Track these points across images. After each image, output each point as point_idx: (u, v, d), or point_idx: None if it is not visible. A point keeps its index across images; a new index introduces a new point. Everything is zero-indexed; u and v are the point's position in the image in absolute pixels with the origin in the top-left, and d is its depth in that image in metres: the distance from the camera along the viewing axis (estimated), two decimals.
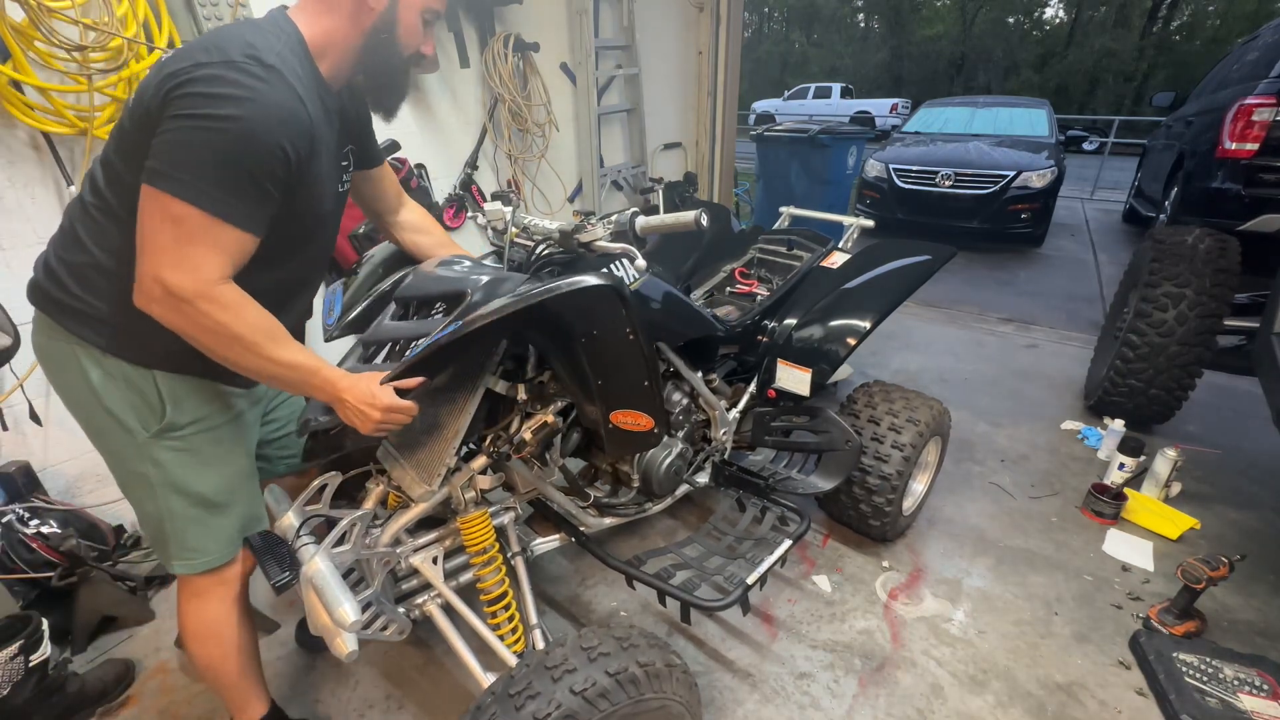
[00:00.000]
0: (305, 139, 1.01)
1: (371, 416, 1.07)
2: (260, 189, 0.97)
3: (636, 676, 1.02)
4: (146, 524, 1.21)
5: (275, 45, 0.99)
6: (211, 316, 0.96)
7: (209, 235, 0.94)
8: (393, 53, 1.11)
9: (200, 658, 1.30)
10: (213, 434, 1.18)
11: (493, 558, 1.33)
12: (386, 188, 1.45)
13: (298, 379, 1.06)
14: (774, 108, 18.89)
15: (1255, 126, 3.80)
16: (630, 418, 1.26)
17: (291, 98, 0.98)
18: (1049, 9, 26.06)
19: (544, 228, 1.41)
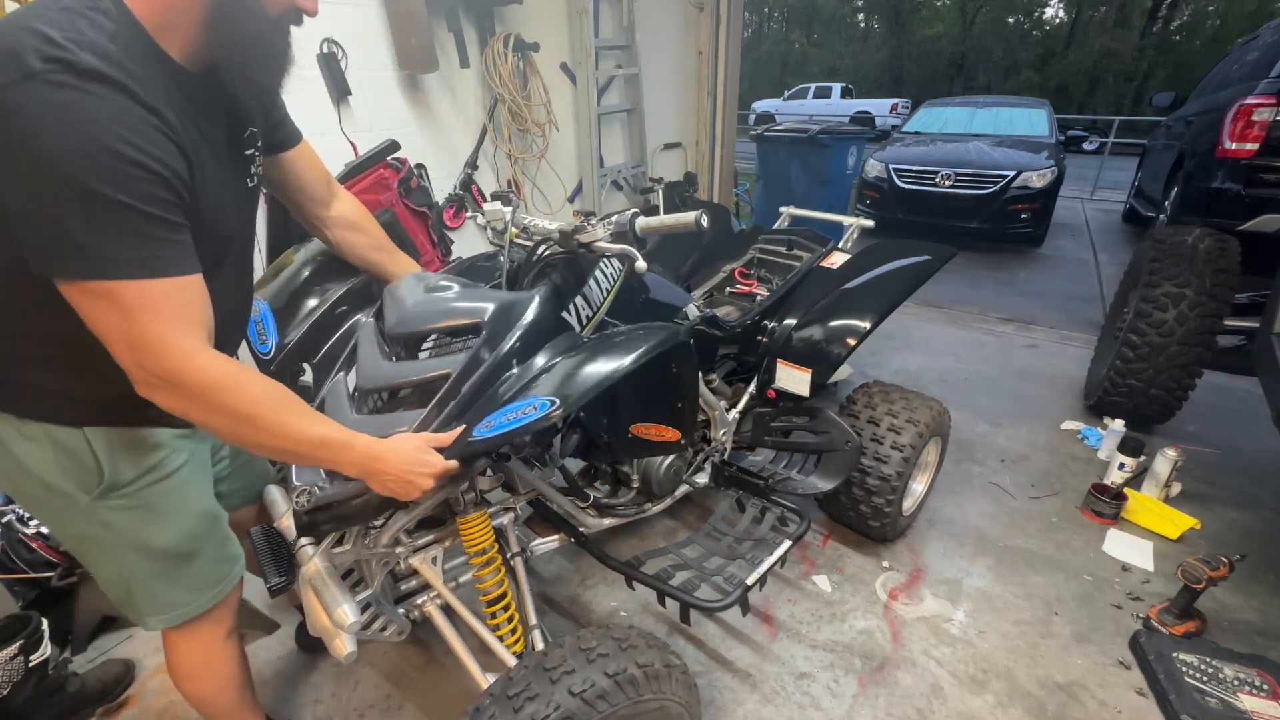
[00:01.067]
0: (175, 153, 0.80)
1: (421, 485, 0.95)
2: (160, 222, 0.78)
3: (635, 677, 1.02)
4: (109, 585, 1.09)
5: (90, 36, 0.73)
6: (212, 399, 0.83)
7: (148, 302, 0.77)
8: (254, 16, 0.85)
9: (193, 694, 1.25)
10: (162, 485, 1.04)
11: (492, 558, 1.32)
12: (308, 174, 1.23)
13: (325, 456, 0.93)
14: (774, 108, 18.88)
15: (1255, 126, 3.80)
16: (655, 430, 1.23)
17: (132, 107, 0.75)
18: (1049, 9, 26.08)
19: (544, 228, 1.41)
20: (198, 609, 1.14)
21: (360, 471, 0.95)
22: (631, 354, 1.02)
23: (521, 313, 1.16)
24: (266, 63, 0.92)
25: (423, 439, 0.99)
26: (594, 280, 1.39)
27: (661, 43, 4.28)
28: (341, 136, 2.67)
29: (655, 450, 1.30)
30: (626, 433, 1.25)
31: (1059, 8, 25.98)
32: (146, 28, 0.80)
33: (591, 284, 1.37)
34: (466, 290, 1.23)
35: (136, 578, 1.07)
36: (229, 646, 1.25)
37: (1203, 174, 4.25)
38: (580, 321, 1.31)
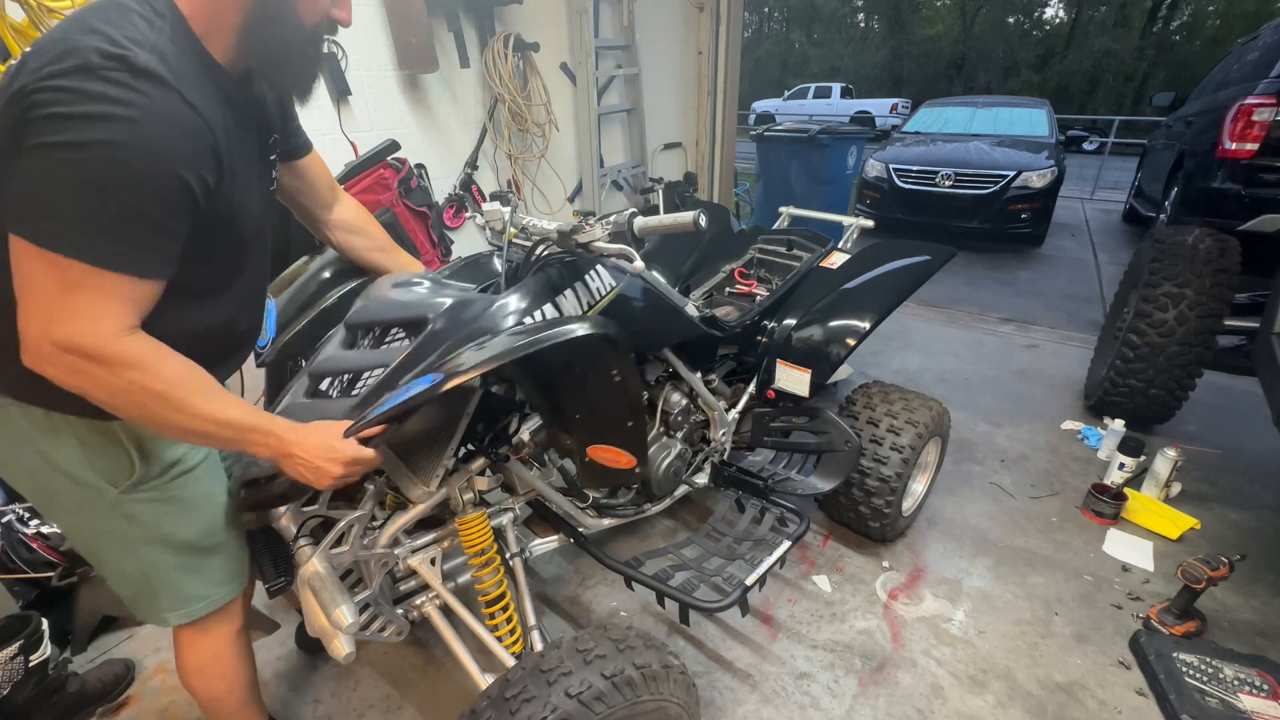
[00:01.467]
0: (209, 159, 0.83)
1: (330, 472, 0.95)
2: (156, 226, 0.79)
3: (633, 679, 1.02)
4: (123, 582, 1.08)
5: (147, 35, 0.77)
6: (120, 376, 0.80)
7: (100, 286, 0.77)
8: (289, 25, 0.88)
9: (202, 692, 1.24)
10: (189, 476, 1.05)
11: (491, 559, 1.32)
12: (316, 181, 1.27)
13: (234, 437, 0.92)
14: (774, 108, 18.88)
15: (1255, 126, 3.80)
16: (610, 454, 1.17)
17: (179, 109, 0.77)
18: (1049, 9, 26.08)
19: (542, 228, 1.41)
20: (217, 602, 1.14)
21: (272, 454, 0.96)
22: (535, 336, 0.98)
23: (476, 313, 1.13)
24: (299, 71, 0.96)
25: (338, 426, 0.98)
26: (576, 288, 1.31)
27: (661, 43, 4.28)
28: (341, 136, 2.67)
29: (613, 478, 1.21)
30: (585, 455, 1.20)
31: (1059, 8, 26.01)
32: (194, 30, 0.84)
33: (569, 293, 1.29)
34: (431, 288, 1.22)
35: (159, 572, 1.07)
36: (240, 644, 1.24)
37: (1203, 174, 4.25)
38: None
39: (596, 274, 1.37)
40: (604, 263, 1.39)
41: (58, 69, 0.72)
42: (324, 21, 0.94)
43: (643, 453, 1.15)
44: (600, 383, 1.11)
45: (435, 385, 0.93)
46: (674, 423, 1.79)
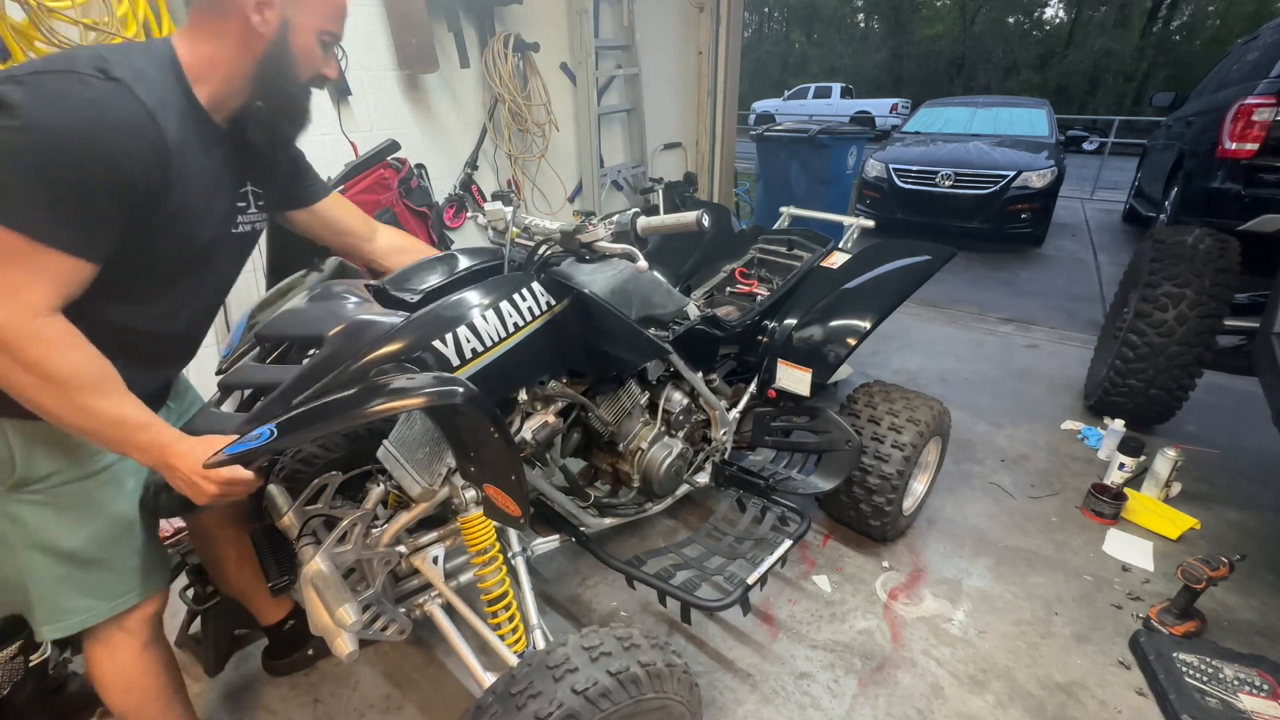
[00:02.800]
0: (156, 163, 0.90)
1: (205, 490, 0.93)
2: (90, 208, 0.84)
3: (638, 676, 1.02)
4: (4, 588, 1.07)
5: (137, 64, 0.90)
6: (28, 352, 0.82)
7: (25, 259, 0.81)
8: (288, 79, 1.04)
9: (113, 706, 1.22)
10: (77, 485, 1.03)
11: (493, 558, 1.32)
12: (345, 219, 1.37)
13: (117, 436, 0.91)
14: (774, 108, 18.88)
15: (1255, 126, 3.80)
16: (501, 498, 1.12)
17: (135, 112, 0.86)
18: (1049, 9, 26.10)
19: (545, 228, 1.41)
20: (98, 617, 1.11)
21: (152, 463, 0.95)
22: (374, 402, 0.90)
23: (373, 337, 1.07)
24: (293, 116, 1.11)
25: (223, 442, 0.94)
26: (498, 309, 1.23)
27: (661, 43, 4.28)
28: (341, 136, 2.67)
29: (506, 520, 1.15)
30: (481, 490, 1.16)
31: (1059, 8, 26.03)
32: (188, 74, 0.98)
33: (489, 314, 1.21)
34: (337, 306, 1.17)
35: (36, 579, 1.05)
36: (148, 659, 1.21)
37: (1203, 174, 4.25)
38: (462, 355, 1.16)
39: (529, 293, 1.29)
40: (542, 280, 1.32)
41: (46, 68, 0.83)
42: (315, 77, 1.09)
43: (525, 505, 1.11)
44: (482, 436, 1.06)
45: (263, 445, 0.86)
46: (675, 422, 1.79)
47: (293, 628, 1.67)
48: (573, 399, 1.50)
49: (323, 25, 1.05)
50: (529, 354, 1.29)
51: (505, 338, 1.23)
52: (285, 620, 1.67)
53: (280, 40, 1.00)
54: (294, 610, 1.67)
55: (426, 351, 1.11)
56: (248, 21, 0.97)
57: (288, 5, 0.99)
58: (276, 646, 1.69)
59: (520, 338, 1.26)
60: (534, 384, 1.40)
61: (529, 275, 1.33)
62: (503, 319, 1.23)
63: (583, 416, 1.59)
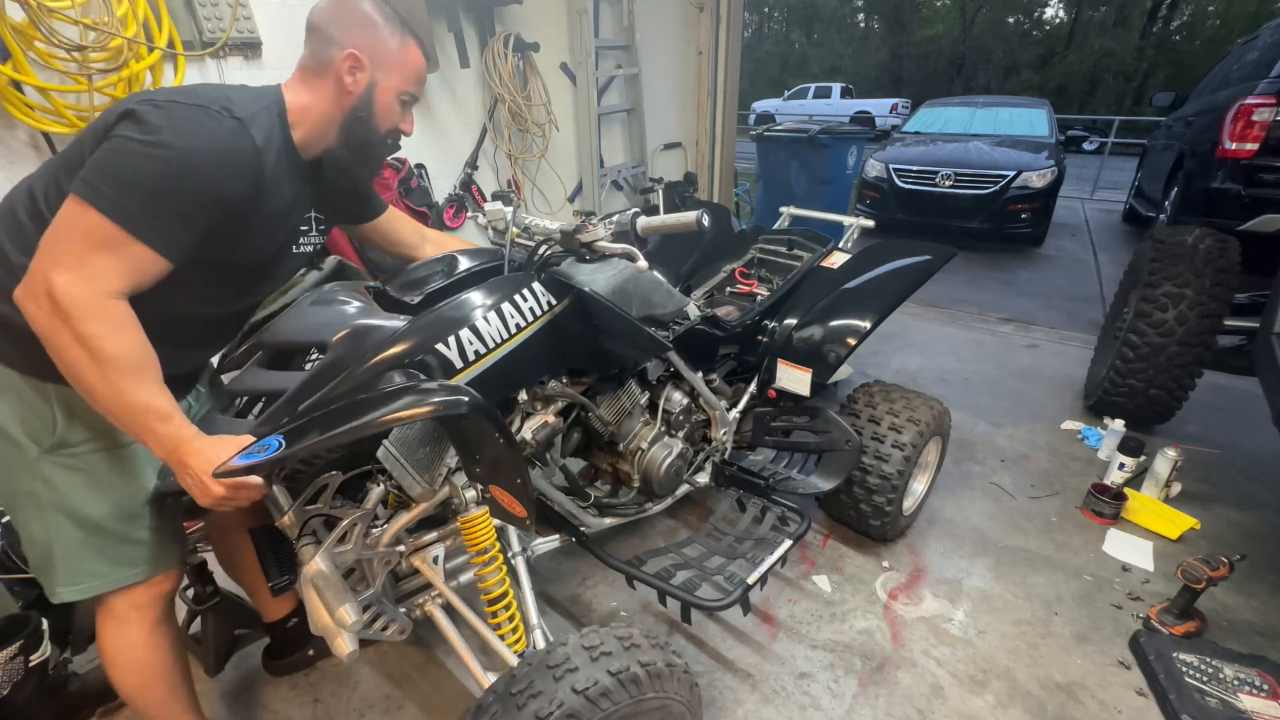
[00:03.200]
0: (252, 190, 1.02)
1: (212, 491, 0.96)
2: (186, 217, 0.96)
3: (638, 676, 1.02)
4: (32, 547, 1.14)
5: (253, 106, 1.03)
6: (88, 326, 0.90)
7: (118, 249, 0.92)
8: (370, 131, 1.17)
9: (120, 684, 1.26)
10: (109, 454, 1.10)
11: (493, 557, 1.32)
12: (399, 231, 1.50)
13: (140, 423, 0.96)
14: (774, 108, 18.87)
15: (1255, 126, 3.80)
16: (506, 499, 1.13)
17: (249, 149, 1.00)
18: (1049, 9, 26.08)
19: (545, 228, 1.41)
20: (113, 583, 1.16)
21: (164, 454, 0.98)
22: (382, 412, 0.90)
23: (376, 342, 1.09)
24: (369, 164, 1.27)
25: (236, 444, 0.97)
26: (499, 310, 1.24)
27: (661, 43, 4.28)
28: None
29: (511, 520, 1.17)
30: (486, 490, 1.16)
31: (1059, 8, 26.00)
32: (290, 119, 1.12)
33: (491, 315, 1.23)
34: (340, 311, 1.18)
35: (59, 541, 1.11)
36: (157, 637, 1.25)
37: (1203, 174, 4.25)
38: (465, 357, 1.18)
39: (530, 293, 1.30)
40: (542, 280, 1.33)
41: (183, 100, 0.96)
42: (394, 130, 1.22)
43: (531, 507, 1.13)
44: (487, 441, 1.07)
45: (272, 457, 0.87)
46: (675, 422, 1.79)
47: (295, 626, 1.68)
48: (573, 399, 1.50)
49: (403, 87, 1.18)
50: (531, 354, 1.30)
51: (508, 339, 1.25)
52: (288, 618, 1.67)
53: (366, 98, 1.14)
54: (297, 608, 1.67)
55: (429, 355, 1.13)
56: (341, 81, 1.11)
57: (376, 69, 1.13)
58: (278, 645, 1.69)
59: (522, 338, 1.27)
60: (536, 383, 1.40)
61: (529, 275, 1.33)
62: (504, 320, 1.25)
63: (583, 416, 1.59)
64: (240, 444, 0.96)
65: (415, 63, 1.18)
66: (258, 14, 2.30)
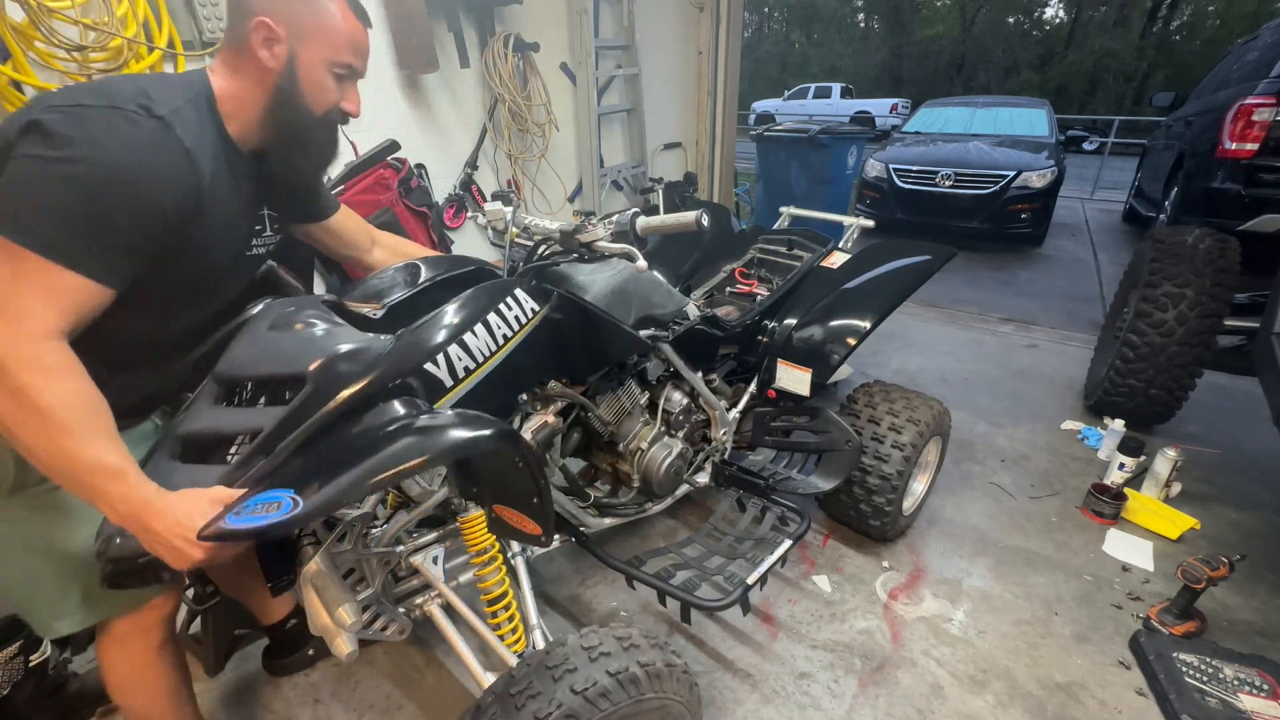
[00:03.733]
0: (189, 197, 0.92)
1: (189, 556, 0.82)
2: (122, 240, 0.85)
3: (637, 676, 1.02)
4: (11, 590, 1.05)
5: (175, 100, 0.92)
6: (20, 376, 0.77)
7: (44, 282, 0.80)
8: (299, 114, 1.03)
9: (123, 702, 1.23)
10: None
11: (493, 558, 1.32)
12: (350, 233, 1.39)
13: (87, 485, 0.82)
14: (774, 108, 18.87)
15: (1255, 126, 3.80)
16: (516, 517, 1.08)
17: (176, 153, 0.90)
18: (1049, 9, 26.08)
19: (545, 228, 1.41)
20: (103, 614, 1.12)
21: (123, 518, 0.83)
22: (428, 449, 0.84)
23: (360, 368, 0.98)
24: (310, 153, 1.11)
25: (217, 497, 0.84)
26: (485, 321, 1.18)
27: (661, 43, 4.28)
28: (341, 136, 2.66)
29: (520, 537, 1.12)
30: (490, 510, 1.12)
31: (1059, 8, 26.00)
32: (219, 108, 1.01)
33: (479, 328, 1.16)
34: (307, 334, 1.03)
35: (41, 580, 1.04)
36: (162, 660, 1.21)
37: (1203, 174, 4.25)
38: (455, 374, 1.11)
39: (514, 301, 1.24)
40: (523, 285, 1.27)
41: (92, 101, 0.84)
42: (334, 110, 1.08)
43: (549, 525, 1.07)
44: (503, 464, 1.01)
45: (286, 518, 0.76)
46: (675, 422, 1.79)
47: (294, 627, 1.68)
48: (572, 399, 1.50)
49: (333, 57, 1.02)
50: (521, 363, 1.26)
51: (496, 350, 1.19)
52: (287, 619, 1.67)
53: (288, 75, 1.00)
54: (295, 609, 1.67)
55: (418, 376, 1.05)
56: (257, 56, 0.98)
57: (295, 39, 0.98)
58: (277, 646, 1.70)
59: (510, 348, 1.22)
60: (528, 391, 1.39)
61: (510, 282, 1.27)
62: (491, 331, 1.19)
63: (582, 416, 1.59)
64: (216, 497, 0.84)
65: (343, 27, 1.02)
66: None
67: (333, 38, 1.02)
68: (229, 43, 1.00)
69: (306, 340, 1.02)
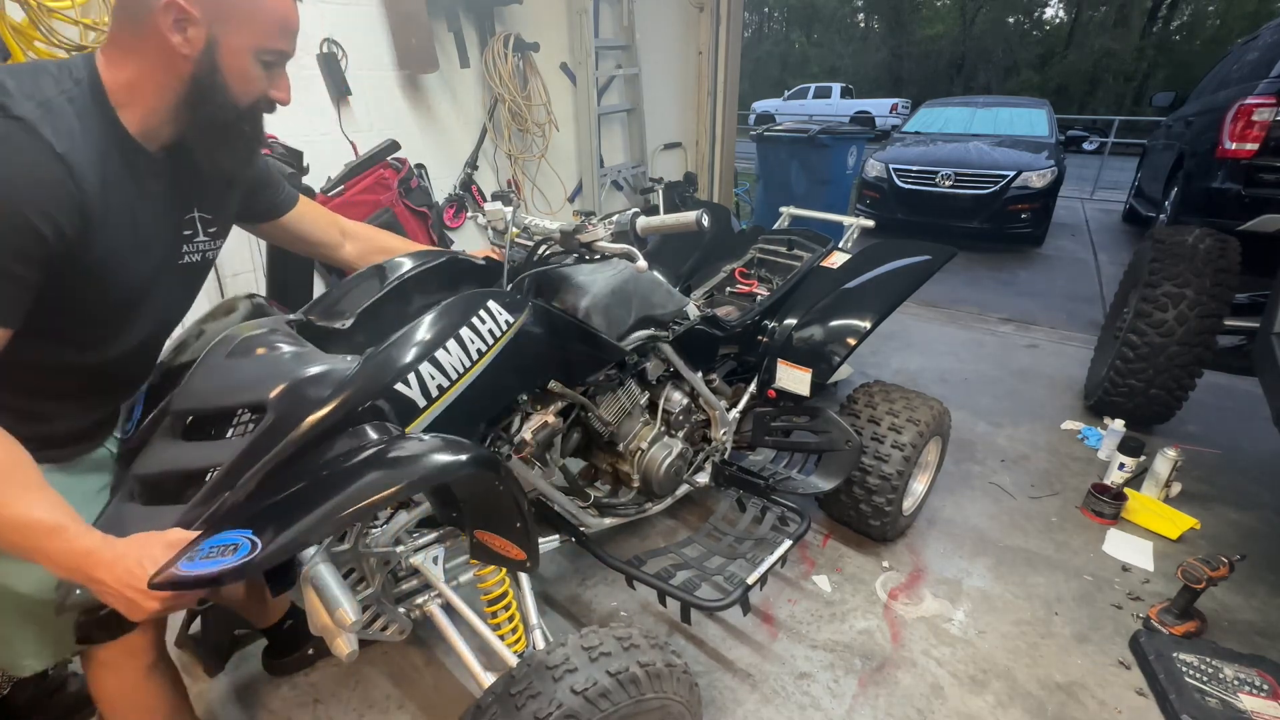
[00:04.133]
0: (70, 211, 0.78)
1: (144, 607, 0.75)
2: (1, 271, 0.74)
3: (637, 676, 1.02)
4: None
5: (44, 93, 0.78)
6: None
7: None
8: (223, 107, 0.89)
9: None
10: None
11: None
12: (314, 229, 1.28)
13: (23, 545, 0.75)
14: (774, 108, 18.88)
15: (1255, 126, 3.80)
16: (498, 542, 1.03)
17: (43, 160, 0.76)
18: (1049, 9, 26.09)
19: (545, 228, 1.41)
20: (70, 653, 1.06)
21: (68, 573, 0.76)
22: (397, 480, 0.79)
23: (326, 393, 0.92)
24: (234, 149, 0.96)
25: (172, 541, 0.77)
26: (457, 338, 1.11)
27: (661, 43, 4.28)
28: (341, 136, 2.67)
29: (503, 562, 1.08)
30: (472, 534, 1.08)
31: (1059, 8, 26.01)
32: (111, 99, 0.84)
33: (451, 344, 1.10)
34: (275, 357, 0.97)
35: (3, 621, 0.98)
36: (153, 680, 1.16)
37: (1203, 174, 4.25)
38: (428, 394, 1.05)
39: (488, 314, 1.17)
40: (497, 298, 1.20)
41: None
42: (261, 100, 0.94)
43: (534, 551, 1.02)
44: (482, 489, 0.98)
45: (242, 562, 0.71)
46: (675, 422, 1.79)
47: (291, 627, 1.68)
48: (572, 399, 1.50)
49: (261, 43, 0.88)
50: (500, 377, 1.20)
51: (471, 366, 1.12)
52: (283, 621, 1.67)
53: (207, 63, 0.85)
54: (291, 610, 1.67)
55: (388, 399, 0.99)
56: (166, 41, 0.82)
57: (214, 22, 0.83)
58: (276, 646, 1.70)
59: (486, 363, 1.15)
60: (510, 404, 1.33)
61: (484, 294, 1.20)
62: (465, 347, 1.12)
63: (582, 416, 1.59)
64: (170, 540, 0.77)
65: (273, 6, 0.88)
66: None
67: (261, 21, 0.87)
68: (123, 22, 0.84)
69: (268, 366, 0.95)
